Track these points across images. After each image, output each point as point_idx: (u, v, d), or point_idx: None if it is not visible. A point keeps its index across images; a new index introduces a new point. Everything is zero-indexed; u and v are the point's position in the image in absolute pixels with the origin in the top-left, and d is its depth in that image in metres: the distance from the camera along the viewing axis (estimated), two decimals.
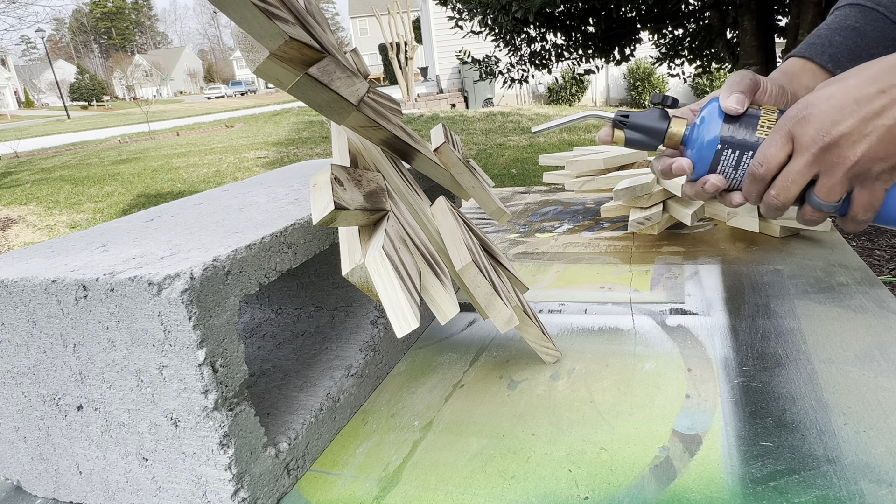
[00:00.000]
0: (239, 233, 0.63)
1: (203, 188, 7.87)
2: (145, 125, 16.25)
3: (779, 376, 0.73)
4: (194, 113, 27.65)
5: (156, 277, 0.50)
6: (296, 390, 0.74)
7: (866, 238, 3.80)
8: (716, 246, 1.24)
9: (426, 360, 0.88)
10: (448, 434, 0.70)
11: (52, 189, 8.77)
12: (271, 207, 0.75)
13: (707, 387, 0.73)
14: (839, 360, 0.76)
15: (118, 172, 9.69)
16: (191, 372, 0.52)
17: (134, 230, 0.72)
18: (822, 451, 0.60)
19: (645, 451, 0.63)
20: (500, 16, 3.99)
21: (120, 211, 7.16)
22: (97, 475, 0.63)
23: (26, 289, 0.56)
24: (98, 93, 51.87)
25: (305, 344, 0.86)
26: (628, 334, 0.89)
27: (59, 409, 0.61)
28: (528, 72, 4.67)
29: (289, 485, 0.64)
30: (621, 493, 0.57)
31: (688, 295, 1.01)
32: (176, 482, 0.58)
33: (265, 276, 0.60)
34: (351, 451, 0.69)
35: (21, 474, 0.69)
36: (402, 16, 15.56)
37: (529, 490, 0.59)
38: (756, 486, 0.56)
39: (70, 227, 6.95)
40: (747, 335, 0.85)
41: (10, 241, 6.67)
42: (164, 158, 10.68)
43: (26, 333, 0.58)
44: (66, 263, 0.59)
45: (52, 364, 0.58)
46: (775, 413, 0.66)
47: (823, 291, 0.96)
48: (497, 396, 0.76)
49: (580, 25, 4.14)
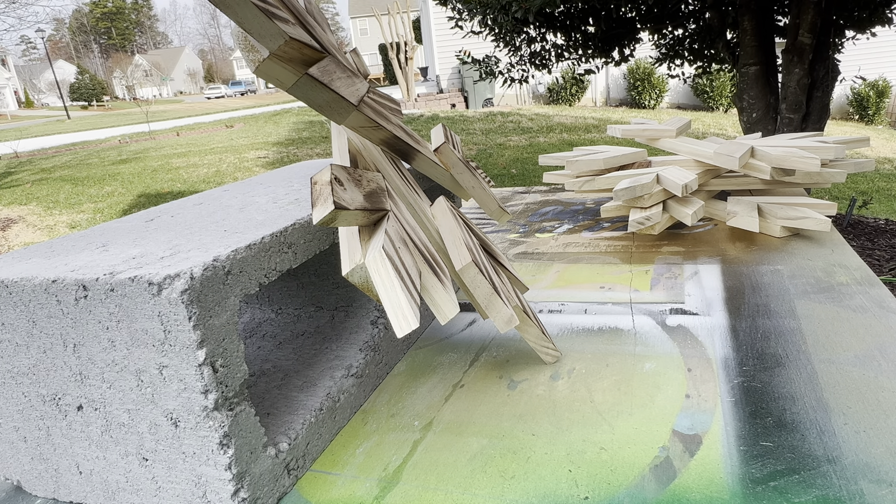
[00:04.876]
0: (239, 233, 0.63)
1: (203, 188, 7.87)
2: (145, 125, 16.25)
3: (779, 376, 0.73)
4: (194, 113, 27.63)
5: (156, 277, 0.50)
6: (296, 390, 0.74)
7: (866, 238, 3.80)
8: (716, 246, 1.24)
9: (426, 360, 0.88)
10: (448, 434, 0.70)
11: (53, 189, 8.77)
12: (271, 207, 0.75)
13: (707, 387, 0.73)
14: (839, 360, 0.76)
15: (118, 172, 9.69)
16: (191, 372, 0.52)
17: (134, 230, 0.72)
18: (822, 451, 0.60)
19: (645, 451, 0.63)
20: (499, 16, 3.98)
21: (120, 211, 7.16)
22: (97, 475, 0.63)
23: (26, 289, 0.56)
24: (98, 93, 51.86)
25: (305, 344, 0.86)
26: (628, 334, 0.89)
27: (59, 409, 0.61)
28: (528, 72, 4.67)
29: (289, 485, 0.64)
30: (621, 493, 0.57)
31: (688, 295, 1.01)
32: (176, 482, 0.58)
33: (265, 276, 0.60)
34: (351, 450, 0.69)
35: (21, 474, 0.68)
36: (402, 16, 15.56)
37: (529, 490, 0.59)
38: (756, 486, 0.56)
39: (70, 227, 6.95)
40: (747, 335, 0.85)
41: (10, 241, 6.67)
42: (164, 158, 10.68)
43: (26, 333, 0.58)
44: (67, 263, 0.59)
45: (53, 364, 0.58)
46: (775, 413, 0.66)
47: (823, 291, 0.96)
48: (497, 396, 0.76)
49: (580, 25, 4.14)
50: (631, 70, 13.58)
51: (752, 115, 3.28)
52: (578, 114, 12.12)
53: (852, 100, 11.61)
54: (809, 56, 2.92)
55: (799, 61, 2.94)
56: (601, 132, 9.34)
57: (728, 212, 1.31)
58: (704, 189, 1.48)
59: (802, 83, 2.96)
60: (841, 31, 3.44)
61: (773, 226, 1.25)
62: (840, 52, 3.56)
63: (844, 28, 3.40)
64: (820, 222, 1.19)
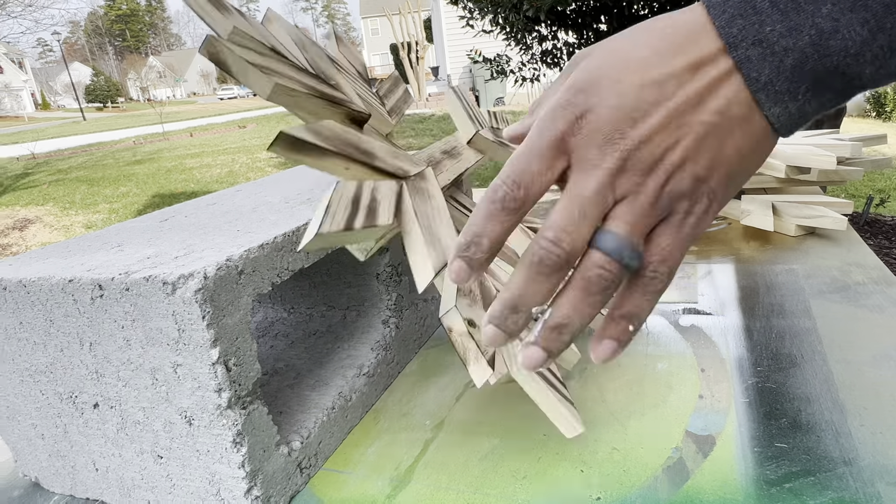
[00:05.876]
0: (252, 233, 0.63)
1: (216, 188, 7.93)
2: (159, 126, 16.41)
3: (794, 377, 0.73)
4: (207, 114, 27.86)
5: (170, 277, 0.50)
6: (308, 389, 0.74)
7: (884, 237, 3.75)
8: (729, 245, 1.23)
9: (438, 360, 0.88)
10: (460, 433, 0.70)
11: (69, 190, 8.89)
12: (283, 207, 0.75)
13: (721, 387, 0.72)
14: (856, 360, 0.75)
15: (133, 173, 9.79)
16: (204, 370, 0.52)
17: (149, 230, 0.73)
18: (838, 452, 0.59)
19: (658, 452, 0.62)
20: (511, 14, 3.98)
21: (135, 211, 7.23)
22: (113, 472, 0.63)
23: (44, 288, 0.57)
24: (113, 94, 52.41)
25: (317, 343, 0.86)
26: (640, 334, 0.88)
27: (75, 406, 0.62)
28: (539, 70, 4.65)
29: (301, 483, 0.64)
30: (634, 494, 0.57)
31: (701, 294, 1.00)
32: (190, 479, 0.59)
33: (277, 276, 0.60)
34: (363, 449, 0.69)
35: (39, 471, 0.70)
36: (414, 15, 15.57)
37: (541, 490, 0.59)
38: (770, 488, 0.55)
39: (86, 227, 7.03)
40: (762, 335, 0.84)
41: (27, 241, 6.76)
42: (178, 159, 10.77)
43: (44, 332, 0.59)
44: (83, 263, 0.60)
45: (69, 362, 0.59)
46: (790, 414, 0.66)
47: (839, 291, 0.95)
48: (509, 396, 0.76)
49: (592, 23, 4.12)
50: None
51: None
52: None
53: (870, 97, 11.45)
54: None
55: None
56: None
57: (742, 210, 1.30)
58: None
59: None
60: None
61: (788, 224, 1.23)
62: None
63: None
64: (836, 221, 1.18)
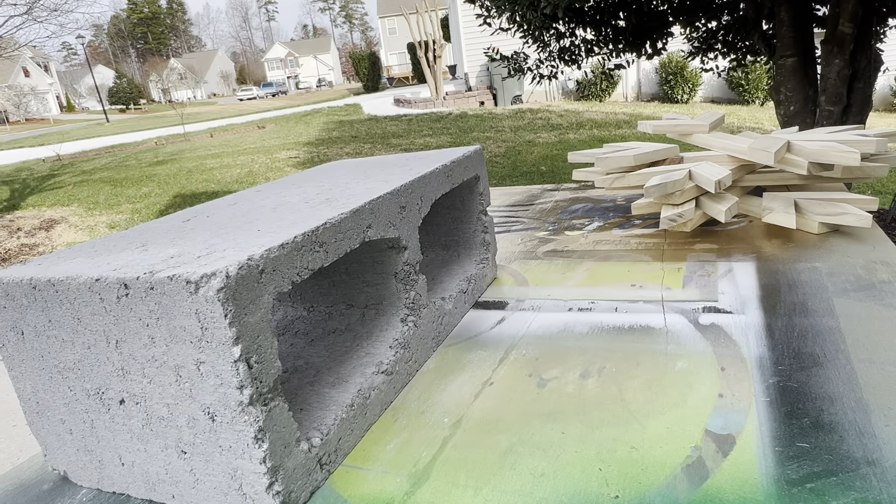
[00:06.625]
0: (272, 232, 0.64)
1: (236, 188, 8.02)
2: (180, 127, 16.64)
3: (816, 376, 0.72)
4: (227, 115, 28.15)
5: (193, 276, 0.51)
6: (328, 386, 0.75)
7: None
8: (751, 243, 1.22)
9: (455, 358, 0.88)
10: (478, 431, 0.70)
11: (93, 190, 9.06)
12: (303, 207, 0.76)
13: (741, 386, 0.72)
14: (880, 359, 0.74)
15: (155, 174, 9.95)
16: (227, 368, 0.53)
17: (172, 230, 0.74)
18: (861, 452, 0.58)
19: (677, 451, 0.62)
20: (528, 12, 3.95)
21: (157, 211, 7.35)
22: (138, 467, 0.65)
23: (72, 287, 0.58)
24: (135, 96, 53.31)
25: (337, 341, 0.87)
26: (660, 333, 0.88)
27: (102, 402, 0.63)
28: (557, 68, 4.62)
29: (321, 479, 0.65)
30: (652, 493, 0.57)
31: (721, 293, 0.99)
32: (213, 475, 0.60)
33: (297, 275, 0.61)
34: (382, 446, 0.70)
35: (67, 465, 0.71)
36: (431, 14, 15.57)
37: (559, 488, 0.59)
38: (792, 488, 0.55)
39: (110, 227, 7.16)
40: (783, 334, 0.83)
41: (53, 241, 6.91)
42: (199, 159, 10.92)
43: (72, 330, 0.60)
44: (109, 263, 0.61)
45: (96, 359, 0.61)
46: (812, 413, 0.65)
47: (864, 289, 0.93)
48: (526, 395, 0.76)
49: (610, 20, 4.08)
50: (663, 64, 13.33)
51: (789, 108, 3.19)
52: (609, 109, 11.95)
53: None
54: (850, 46, 2.82)
55: (839, 52, 2.84)
56: (632, 128, 9.20)
57: (763, 208, 1.28)
58: (739, 185, 1.45)
59: (843, 74, 2.87)
60: (884, 18, 3.32)
61: (811, 222, 1.21)
62: (883, 41, 3.43)
63: (887, 16, 3.27)
64: (860, 218, 1.15)
